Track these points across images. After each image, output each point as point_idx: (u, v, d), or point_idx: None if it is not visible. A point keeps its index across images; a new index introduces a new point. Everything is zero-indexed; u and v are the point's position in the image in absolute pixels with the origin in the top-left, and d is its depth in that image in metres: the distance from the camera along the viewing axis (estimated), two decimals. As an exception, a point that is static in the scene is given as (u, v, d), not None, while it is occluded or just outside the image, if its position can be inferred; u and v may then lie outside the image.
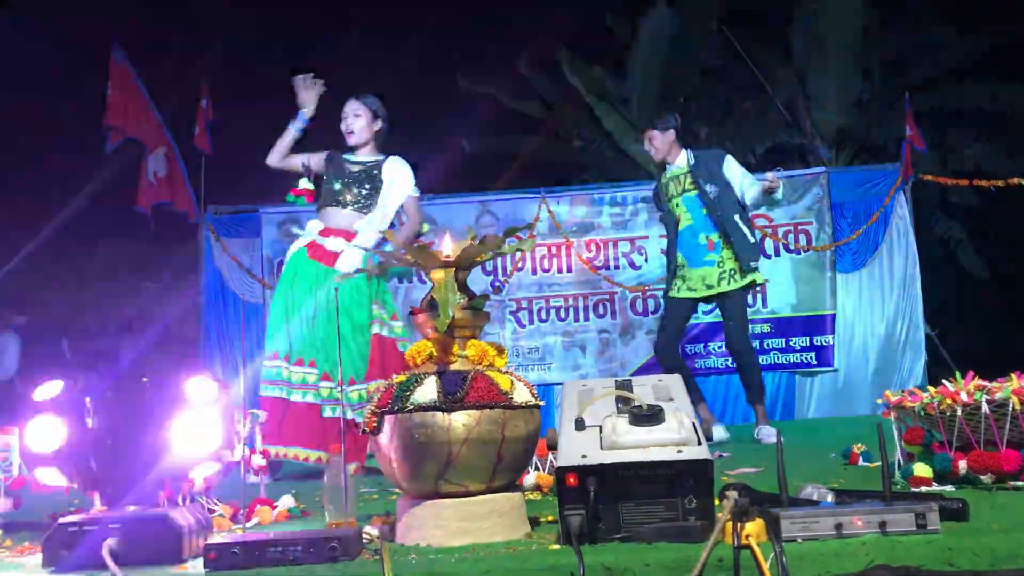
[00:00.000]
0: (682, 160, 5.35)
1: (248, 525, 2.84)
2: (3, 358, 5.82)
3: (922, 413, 2.68)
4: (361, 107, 4.59)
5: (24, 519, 3.11)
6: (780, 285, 7.91)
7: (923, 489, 2.55)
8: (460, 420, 2.14)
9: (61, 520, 2.10)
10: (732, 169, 5.29)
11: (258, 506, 3.02)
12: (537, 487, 3.19)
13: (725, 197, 5.20)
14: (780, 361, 7.88)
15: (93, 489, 2.29)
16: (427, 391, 2.16)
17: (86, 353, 11.46)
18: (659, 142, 5.36)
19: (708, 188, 5.23)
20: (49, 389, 2.31)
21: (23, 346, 6.03)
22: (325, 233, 4.46)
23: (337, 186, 4.49)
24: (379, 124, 4.62)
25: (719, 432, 5.21)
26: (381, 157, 4.60)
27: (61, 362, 11.48)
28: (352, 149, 4.61)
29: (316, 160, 4.59)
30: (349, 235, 4.42)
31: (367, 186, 4.51)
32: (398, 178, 4.53)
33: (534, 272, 8.05)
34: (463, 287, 2.30)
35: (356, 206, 4.48)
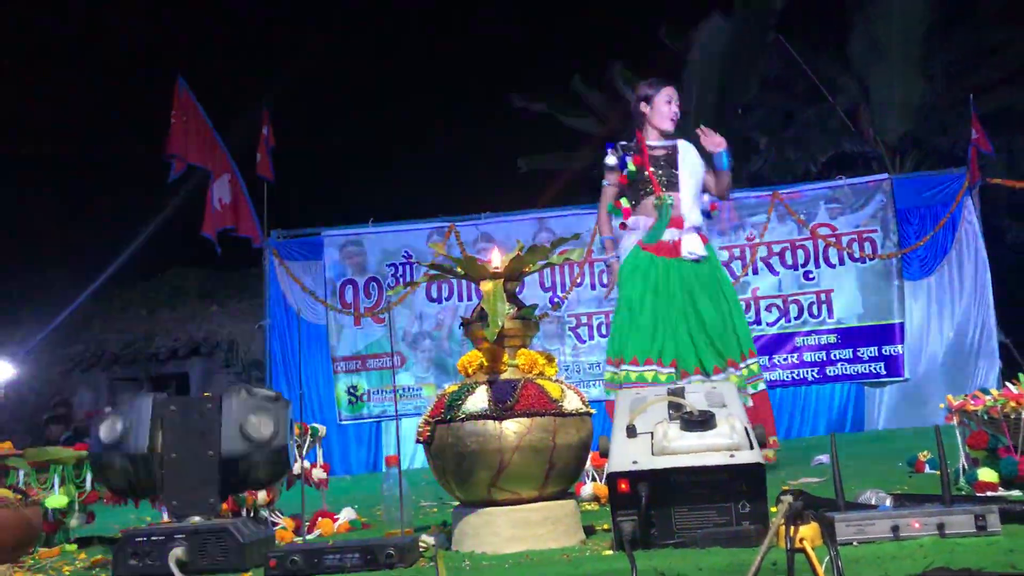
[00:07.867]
0: None
1: (310, 537, 2.90)
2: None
3: (985, 417, 2.62)
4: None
5: (98, 533, 3.22)
6: (846, 295, 7.75)
7: (988, 494, 2.48)
8: (511, 428, 2.16)
9: (130, 532, 2.18)
10: None
11: (320, 518, 3.08)
12: (595, 497, 3.19)
13: None
14: (848, 372, 7.71)
15: (143, 496, 2.41)
16: (478, 400, 2.19)
17: (158, 376, 11.83)
18: None
19: None
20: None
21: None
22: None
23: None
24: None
25: None
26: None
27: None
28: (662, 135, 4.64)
29: (614, 178, 4.72)
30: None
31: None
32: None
33: (593, 287, 8.02)
34: (512, 298, 2.33)
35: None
